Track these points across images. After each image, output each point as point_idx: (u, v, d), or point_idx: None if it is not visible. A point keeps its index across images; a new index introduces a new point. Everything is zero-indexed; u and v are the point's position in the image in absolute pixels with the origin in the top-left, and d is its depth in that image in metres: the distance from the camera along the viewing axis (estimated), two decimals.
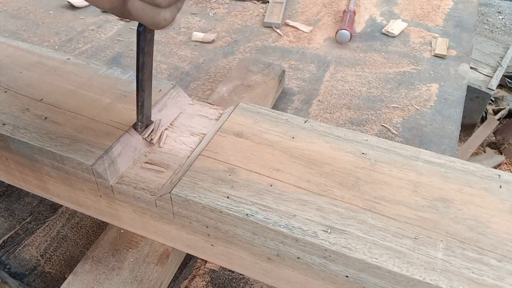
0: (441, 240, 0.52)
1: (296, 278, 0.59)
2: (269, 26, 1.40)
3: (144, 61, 0.58)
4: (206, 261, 0.77)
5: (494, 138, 2.27)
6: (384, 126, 1.03)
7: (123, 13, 0.51)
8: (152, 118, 0.68)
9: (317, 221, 0.54)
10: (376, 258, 0.51)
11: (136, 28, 0.54)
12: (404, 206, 0.56)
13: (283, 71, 1.08)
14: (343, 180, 0.60)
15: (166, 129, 0.70)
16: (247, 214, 0.55)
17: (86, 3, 1.48)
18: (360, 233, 0.53)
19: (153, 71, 1.18)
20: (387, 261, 0.50)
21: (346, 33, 1.31)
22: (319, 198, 0.57)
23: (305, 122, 0.69)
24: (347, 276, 0.54)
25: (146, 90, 0.62)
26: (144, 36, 0.55)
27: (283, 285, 0.62)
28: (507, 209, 0.56)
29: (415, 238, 0.53)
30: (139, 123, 0.66)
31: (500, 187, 0.59)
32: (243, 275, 0.75)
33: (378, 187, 0.59)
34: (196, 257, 0.77)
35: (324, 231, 0.53)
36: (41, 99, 0.71)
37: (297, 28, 1.39)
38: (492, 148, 2.23)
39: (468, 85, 1.22)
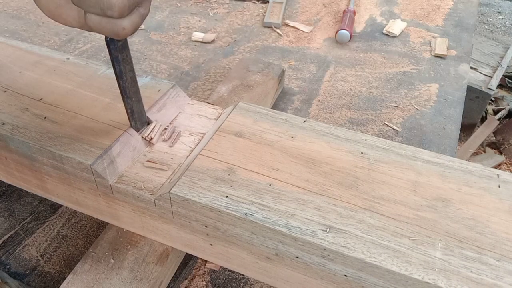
0: (440, 240, 0.52)
1: (295, 278, 0.59)
2: (269, 26, 1.40)
3: (122, 69, 0.58)
4: (206, 261, 0.77)
5: (494, 138, 2.27)
6: (386, 124, 1.04)
7: (85, 28, 0.53)
8: (151, 118, 0.68)
9: (316, 221, 0.54)
10: (374, 258, 0.51)
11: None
12: (403, 206, 0.56)
13: (283, 71, 1.08)
14: (342, 180, 0.60)
15: (179, 132, 0.70)
16: (246, 214, 0.55)
17: None
18: (359, 233, 0.53)
19: (153, 71, 1.18)
20: (385, 260, 0.50)
21: (346, 33, 1.31)
22: (318, 198, 0.57)
23: (304, 121, 0.69)
24: (346, 276, 0.54)
25: (132, 97, 0.62)
26: (114, 45, 0.55)
27: (282, 285, 0.62)
28: (505, 209, 0.56)
29: (413, 238, 0.53)
30: (134, 129, 0.66)
31: (499, 186, 0.59)
32: (243, 275, 0.75)
33: (377, 186, 0.59)
34: (196, 257, 0.77)
35: (323, 230, 0.53)
36: (41, 99, 0.71)
37: (297, 28, 1.39)
38: (492, 148, 2.23)
39: (468, 85, 1.22)
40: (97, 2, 0.47)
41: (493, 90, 2.06)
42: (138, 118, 0.65)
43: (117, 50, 0.56)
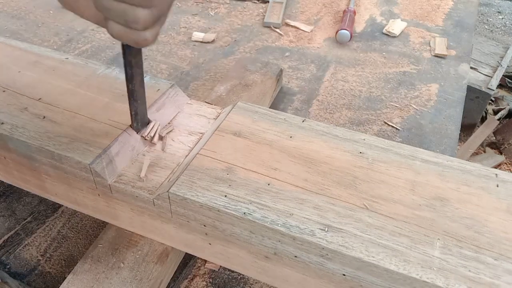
0: (438, 239, 0.52)
1: (293, 277, 0.59)
2: (269, 26, 1.40)
3: (133, 73, 0.59)
4: (206, 261, 0.77)
5: (494, 138, 2.27)
6: (386, 123, 1.04)
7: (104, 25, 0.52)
8: (150, 118, 0.68)
9: (315, 220, 0.54)
10: (373, 257, 0.51)
11: None
12: (401, 205, 0.56)
13: (281, 70, 1.08)
14: (340, 179, 0.60)
15: (170, 131, 0.70)
16: (244, 213, 0.55)
17: None
18: (357, 232, 0.53)
19: (153, 71, 1.18)
20: (384, 259, 0.50)
21: (346, 33, 1.31)
22: (317, 197, 0.57)
23: (303, 121, 0.69)
24: (344, 275, 0.54)
25: (138, 99, 0.63)
26: (130, 50, 0.56)
27: (281, 284, 0.62)
28: (504, 208, 0.56)
29: (412, 237, 0.53)
30: (134, 130, 0.66)
31: (497, 186, 0.59)
32: (242, 275, 0.75)
33: (375, 186, 0.59)
34: (196, 257, 0.77)
35: (321, 229, 0.53)
36: (40, 98, 0.71)
37: (297, 27, 1.39)
38: (492, 148, 2.23)
39: (468, 85, 1.22)
40: (122, 14, 0.47)
41: (493, 90, 2.06)
42: (140, 120, 0.66)
43: (132, 55, 0.57)
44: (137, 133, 0.66)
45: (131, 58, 0.57)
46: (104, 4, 0.47)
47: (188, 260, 0.77)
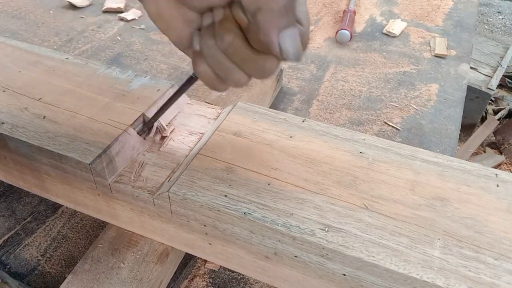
0: (438, 239, 0.52)
1: (294, 277, 0.59)
2: None
3: (179, 95, 0.61)
4: (206, 261, 0.77)
5: (494, 138, 2.27)
6: (386, 123, 1.04)
7: (186, 52, 0.52)
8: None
9: (315, 220, 0.54)
10: (373, 257, 0.51)
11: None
12: (402, 205, 0.56)
13: (281, 70, 1.08)
14: (340, 179, 0.60)
15: (171, 131, 0.70)
16: (244, 213, 0.55)
17: (87, 3, 1.49)
18: (357, 232, 0.53)
19: (153, 71, 1.18)
20: (384, 259, 0.50)
21: (346, 33, 1.31)
22: (317, 197, 0.57)
23: (303, 121, 0.69)
24: (344, 275, 0.54)
25: (161, 113, 0.65)
26: (191, 82, 0.57)
27: (281, 284, 0.62)
28: (504, 208, 0.56)
29: (412, 237, 0.53)
30: (139, 131, 0.67)
31: (498, 186, 0.59)
32: (243, 275, 0.75)
33: (375, 186, 0.59)
34: (196, 257, 0.77)
35: (321, 229, 0.53)
36: (40, 98, 0.71)
37: None
38: (492, 148, 2.23)
39: (468, 85, 1.22)
40: (225, 71, 0.45)
41: (493, 90, 2.06)
42: (149, 125, 0.68)
43: (190, 85, 0.57)
44: (140, 135, 0.67)
45: (189, 86, 0.58)
46: (214, 56, 0.44)
47: (188, 260, 0.77)
